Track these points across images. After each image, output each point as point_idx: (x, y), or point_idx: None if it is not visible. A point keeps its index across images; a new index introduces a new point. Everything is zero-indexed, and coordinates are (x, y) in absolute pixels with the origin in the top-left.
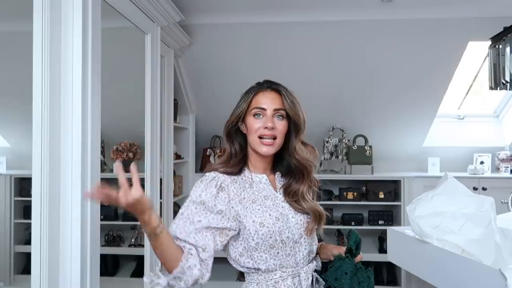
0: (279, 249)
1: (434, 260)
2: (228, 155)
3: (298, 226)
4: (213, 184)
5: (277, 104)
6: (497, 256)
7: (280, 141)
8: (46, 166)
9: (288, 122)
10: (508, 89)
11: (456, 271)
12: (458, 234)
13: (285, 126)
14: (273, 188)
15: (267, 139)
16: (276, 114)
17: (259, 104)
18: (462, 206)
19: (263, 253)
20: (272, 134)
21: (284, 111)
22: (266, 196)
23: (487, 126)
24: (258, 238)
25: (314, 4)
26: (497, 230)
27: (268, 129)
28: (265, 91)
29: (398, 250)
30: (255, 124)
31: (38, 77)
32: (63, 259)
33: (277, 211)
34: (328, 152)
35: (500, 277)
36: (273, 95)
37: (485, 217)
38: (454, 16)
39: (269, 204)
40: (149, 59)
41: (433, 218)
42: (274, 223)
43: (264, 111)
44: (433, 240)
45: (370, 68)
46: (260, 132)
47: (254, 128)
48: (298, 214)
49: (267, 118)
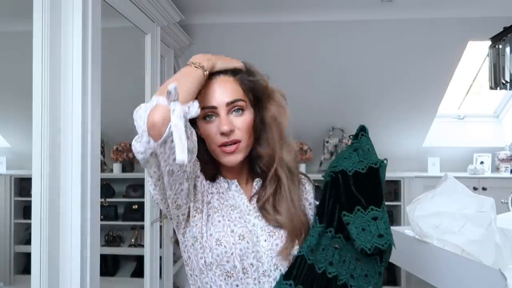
0: (238, 280)
1: (434, 260)
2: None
3: (272, 253)
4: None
5: (229, 93)
6: (497, 256)
7: (246, 142)
8: (46, 166)
9: (253, 110)
10: (508, 89)
11: (456, 271)
12: (458, 234)
13: (248, 120)
14: (246, 198)
15: (227, 146)
16: (232, 108)
17: (206, 101)
18: (462, 206)
19: (217, 279)
20: (233, 140)
21: (243, 101)
22: (233, 206)
23: (487, 126)
24: (211, 258)
25: (314, 4)
26: (497, 230)
27: (226, 135)
28: (210, 81)
29: (398, 250)
30: (209, 130)
31: (38, 77)
32: (63, 259)
33: (244, 227)
34: (328, 152)
35: (500, 277)
36: (222, 81)
37: (486, 218)
38: (454, 16)
39: (235, 217)
40: (149, 59)
41: (433, 218)
42: (235, 243)
43: (215, 110)
44: (433, 240)
45: (370, 68)
46: (217, 141)
47: (210, 136)
48: (274, 237)
49: (221, 119)
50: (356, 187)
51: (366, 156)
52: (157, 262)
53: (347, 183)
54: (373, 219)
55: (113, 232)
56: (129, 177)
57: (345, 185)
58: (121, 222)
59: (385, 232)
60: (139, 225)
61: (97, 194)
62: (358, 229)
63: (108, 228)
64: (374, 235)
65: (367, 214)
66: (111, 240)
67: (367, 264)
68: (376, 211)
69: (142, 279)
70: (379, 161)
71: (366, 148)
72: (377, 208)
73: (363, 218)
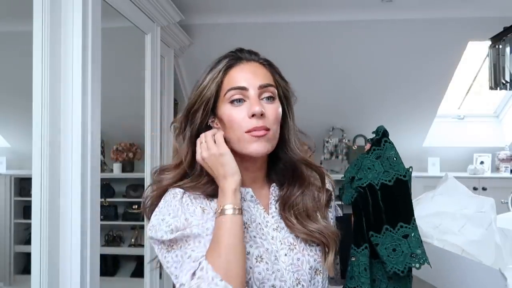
0: None
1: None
2: (186, 166)
3: (293, 268)
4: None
5: (262, 78)
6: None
7: (274, 133)
8: (46, 166)
9: (281, 104)
10: (508, 89)
11: (456, 271)
12: (458, 234)
13: (279, 109)
14: (263, 208)
15: (257, 131)
16: (263, 93)
17: (235, 82)
18: (463, 206)
19: None
20: (263, 126)
21: (274, 88)
22: (248, 221)
23: (487, 126)
24: None
25: (314, 4)
26: (497, 231)
27: (257, 117)
28: (241, 64)
29: None
30: (236, 114)
31: (38, 77)
32: (63, 259)
33: (261, 247)
34: (328, 152)
35: (500, 277)
36: (254, 67)
37: (486, 218)
38: (454, 16)
39: (250, 235)
40: (149, 59)
41: (433, 218)
42: (252, 266)
43: (246, 92)
44: (433, 240)
45: (370, 68)
46: (247, 125)
47: (237, 121)
48: (295, 250)
49: (252, 101)
50: (384, 202)
51: (392, 166)
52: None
53: (375, 198)
54: (404, 237)
55: (113, 232)
56: (129, 177)
57: (373, 201)
58: (121, 222)
59: (418, 250)
60: (139, 225)
61: (97, 194)
62: (388, 250)
63: (108, 228)
64: (406, 255)
65: (396, 232)
66: (111, 240)
67: (398, 282)
68: (406, 227)
69: (142, 279)
70: (407, 170)
71: (392, 157)
72: (406, 224)
73: (393, 237)
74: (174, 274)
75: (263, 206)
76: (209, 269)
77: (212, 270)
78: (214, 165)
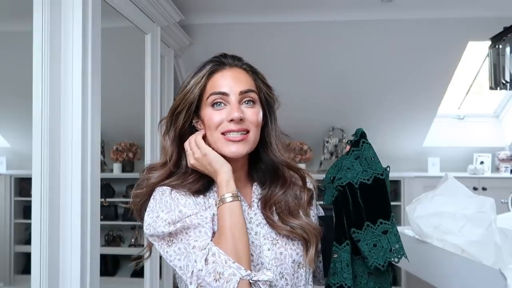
0: None
1: (434, 260)
2: (171, 166)
3: (276, 262)
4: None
5: (243, 84)
6: (497, 256)
7: (255, 136)
8: (46, 166)
9: (262, 109)
10: (508, 89)
11: (456, 271)
12: (458, 234)
13: (259, 115)
14: (247, 205)
15: (234, 134)
16: (244, 99)
17: (217, 87)
18: (462, 206)
19: None
20: (241, 129)
21: (255, 93)
22: None
23: (487, 126)
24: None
25: (314, 4)
26: (497, 231)
27: (235, 122)
28: (223, 70)
29: None
30: (215, 117)
31: (38, 77)
32: (63, 259)
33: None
34: (328, 152)
35: (500, 277)
36: (236, 72)
37: (486, 218)
38: (454, 16)
39: None
40: (149, 59)
41: (433, 218)
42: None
43: (227, 97)
44: (433, 240)
45: (370, 68)
46: (223, 127)
47: (214, 123)
48: (278, 245)
49: (232, 106)
50: (363, 200)
51: (370, 165)
52: (157, 262)
53: (355, 197)
54: (383, 233)
55: (113, 232)
56: (129, 177)
57: (353, 199)
58: (121, 222)
59: (397, 245)
60: (139, 225)
61: (97, 194)
62: (369, 245)
63: (108, 228)
64: (386, 250)
65: (376, 228)
66: (111, 240)
67: (379, 277)
68: (385, 224)
69: (142, 279)
70: (384, 169)
71: (369, 157)
72: (386, 221)
73: (373, 233)
74: (178, 266)
75: (247, 203)
76: (221, 253)
77: (224, 254)
78: (203, 166)
